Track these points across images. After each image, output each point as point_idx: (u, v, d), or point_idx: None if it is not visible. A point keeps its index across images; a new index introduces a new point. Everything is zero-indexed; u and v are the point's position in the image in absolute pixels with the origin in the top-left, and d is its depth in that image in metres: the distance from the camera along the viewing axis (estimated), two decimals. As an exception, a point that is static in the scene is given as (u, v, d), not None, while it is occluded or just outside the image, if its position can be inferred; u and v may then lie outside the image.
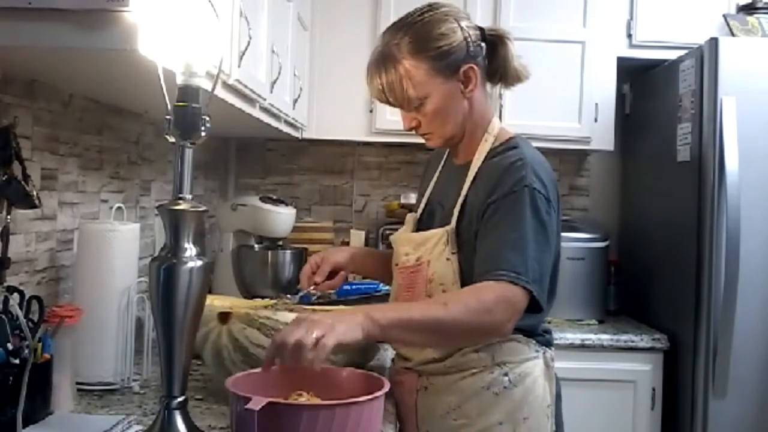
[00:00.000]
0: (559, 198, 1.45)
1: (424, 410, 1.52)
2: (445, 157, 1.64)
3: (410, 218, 1.64)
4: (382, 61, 1.44)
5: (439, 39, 1.42)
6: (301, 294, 1.71)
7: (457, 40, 1.43)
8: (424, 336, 1.33)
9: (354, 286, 2.58)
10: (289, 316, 1.47)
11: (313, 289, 1.69)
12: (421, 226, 1.59)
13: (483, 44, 1.48)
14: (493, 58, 1.49)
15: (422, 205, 1.64)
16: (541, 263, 1.36)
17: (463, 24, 1.45)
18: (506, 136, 1.51)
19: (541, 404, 1.48)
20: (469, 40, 1.44)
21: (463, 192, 1.46)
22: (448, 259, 1.44)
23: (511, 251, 1.33)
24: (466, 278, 1.42)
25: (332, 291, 2.36)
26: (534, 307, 1.35)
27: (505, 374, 1.45)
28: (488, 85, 1.53)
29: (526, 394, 1.46)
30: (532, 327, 1.49)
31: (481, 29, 1.48)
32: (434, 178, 1.64)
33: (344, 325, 1.19)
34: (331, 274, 1.70)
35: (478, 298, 1.30)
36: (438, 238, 1.47)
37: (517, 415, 1.45)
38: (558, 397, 1.56)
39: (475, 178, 1.46)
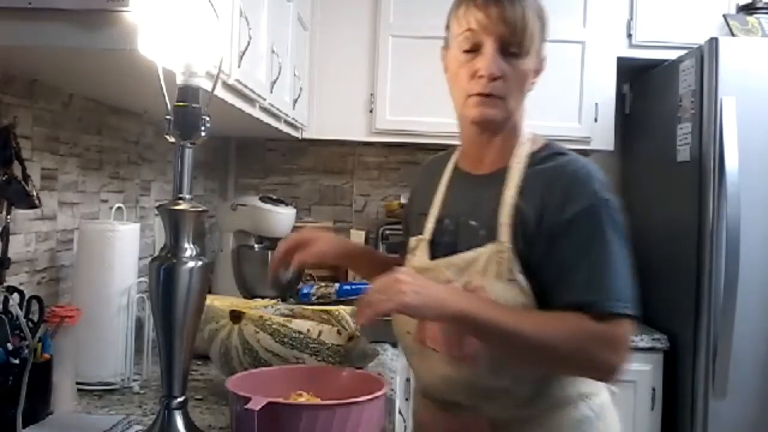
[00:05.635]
0: None
1: None
2: (450, 170, 1.43)
3: (418, 243, 1.39)
4: None
5: (548, 21, 1.35)
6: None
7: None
8: (518, 353, 1.20)
9: (354, 286, 2.58)
10: (303, 325, 1.47)
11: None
12: (439, 249, 1.35)
13: None
14: None
15: (431, 225, 1.38)
16: (631, 282, 1.23)
17: None
18: (540, 140, 1.36)
19: None
20: None
21: (509, 202, 1.26)
22: (511, 280, 1.23)
23: (609, 278, 1.20)
24: (538, 300, 1.23)
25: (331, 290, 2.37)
26: None
27: (590, 408, 1.30)
28: None
29: (607, 427, 1.34)
30: None
31: None
32: (440, 194, 1.41)
33: (430, 308, 1.15)
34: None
35: (587, 333, 1.16)
36: (488, 257, 1.25)
37: None
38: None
39: (522, 187, 1.27)
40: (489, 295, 1.22)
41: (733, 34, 2.68)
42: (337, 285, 2.61)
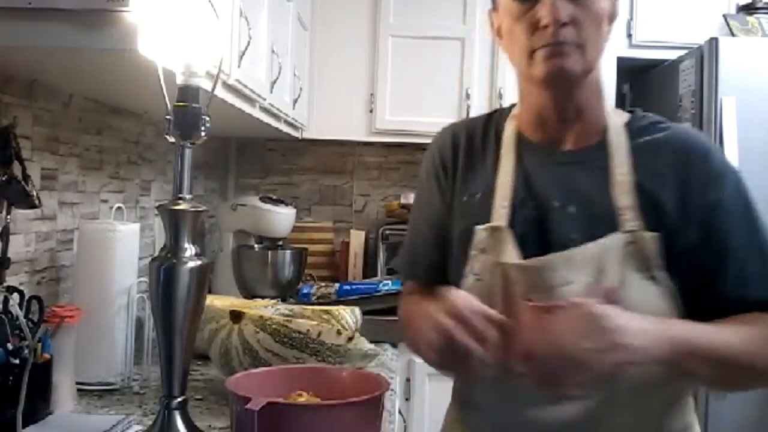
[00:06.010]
0: None
1: None
2: (513, 142, 1.16)
3: (493, 233, 1.10)
4: None
5: None
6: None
7: None
8: (723, 374, 1.01)
9: (354, 286, 2.58)
10: (303, 325, 1.47)
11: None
12: (525, 238, 1.09)
13: None
14: None
15: (504, 211, 1.11)
16: None
17: None
18: (619, 110, 1.18)
19: None
20: None
21: (625, 181, 1.06)
22: (653, 278, 1.03)
23: None
24: (687, 302, 1.05)
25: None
26: None
27: None
28: None
29: None
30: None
31: None
32: (506, 172, 1.13)
33: (654, 347, 0.92)
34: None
35: None
36: (618, 250, 1.03)
37: None
38: None
39: (636, 164, 1.07)
40: (626, 296, 0.97)
41: (733, 34, 2.68)
42: (337, 285, 2.61)
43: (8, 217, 1.40)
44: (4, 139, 1.38)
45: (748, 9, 2.81)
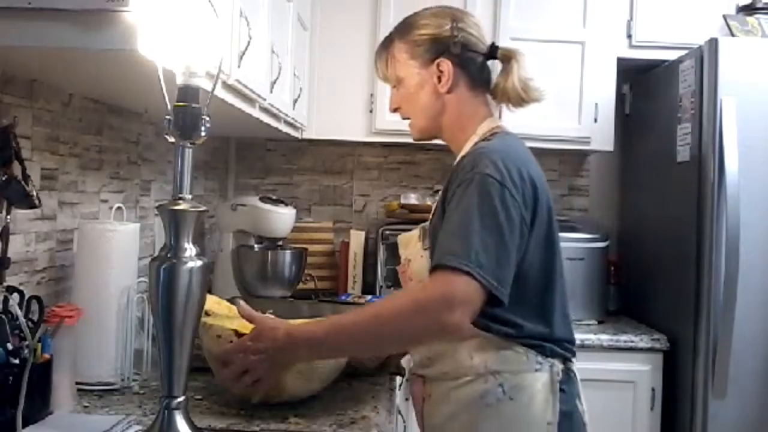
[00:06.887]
0: (533, 191, 1.35)
1: (427, 419, 1.47)
2: None
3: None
4: (384, 40, 1.58)
5: (421, 27, 1.51)
6: None
7: (438, 34, 1.49)
8: (359, 345, 1.38)
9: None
10: None
11: None
12: None
13: (479, 55, 1.52)
14: (501, 76, 1.51)
15: None
16: (489, 248, 1.25)
17: (459, 24, 1.50)
18: (492, 131, 1.46)
19: (539, 422, 1.36)
20: (457, 39, 1.49)
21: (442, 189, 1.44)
22: (421, 256, 1.45)
23: (453, 238, 1.27)
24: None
25: None
26: (492, 297, 1.26)
27: (500, 384, 1.36)
28: (490, 99, 1.54)
29: (520, 408, 1.36)
30: (531, 335, 1.38)
31: (492, 45, 1.54)
32: None
33: (282, 367, 1.35)
34: None
35: (411, 299, 1.29)
36: (415, 235, 1.50)
37: (511, 431, 1.37)
38: (567, 415, 1.41)
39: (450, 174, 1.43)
40: (411, 267, 1.49)
41: (733, 35, 2.68)
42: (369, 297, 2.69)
43: (8, 217, 1.40)
44: (4, 139, 1.38)
45: (748, 9, 2.81)
